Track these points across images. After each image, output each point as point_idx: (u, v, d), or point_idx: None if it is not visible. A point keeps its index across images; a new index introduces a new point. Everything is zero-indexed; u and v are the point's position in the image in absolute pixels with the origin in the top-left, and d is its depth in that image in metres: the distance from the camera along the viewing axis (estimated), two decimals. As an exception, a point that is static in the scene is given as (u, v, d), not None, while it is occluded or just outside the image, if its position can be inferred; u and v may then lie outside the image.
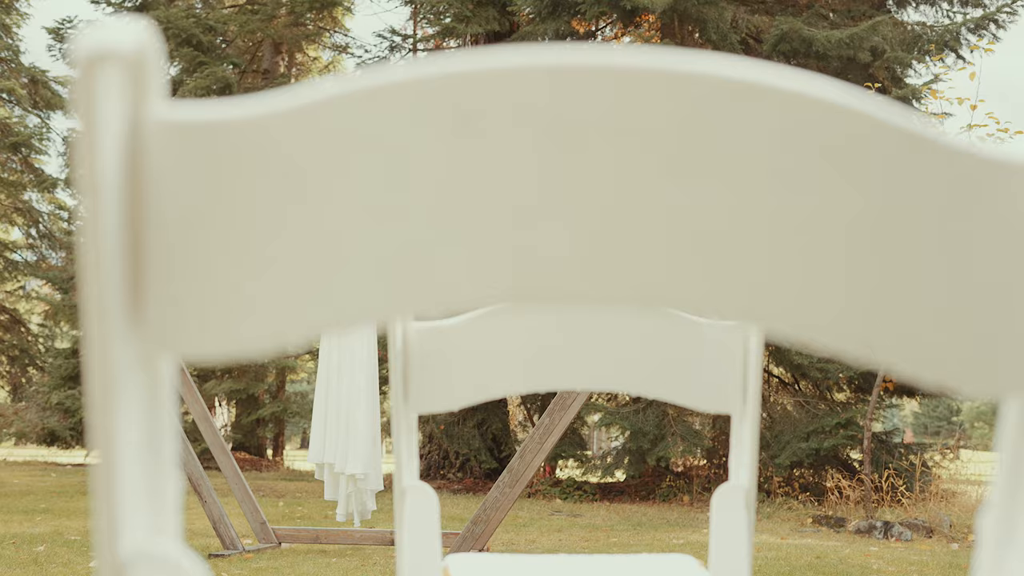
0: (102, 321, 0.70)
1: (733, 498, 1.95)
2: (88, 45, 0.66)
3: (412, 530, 1.97)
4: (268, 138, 0.70)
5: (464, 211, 0.70)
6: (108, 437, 0.72)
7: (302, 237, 0.71)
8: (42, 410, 20.75)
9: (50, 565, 7.21)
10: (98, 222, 0.68)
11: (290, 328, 0.73)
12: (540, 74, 0.69)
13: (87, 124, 0.67)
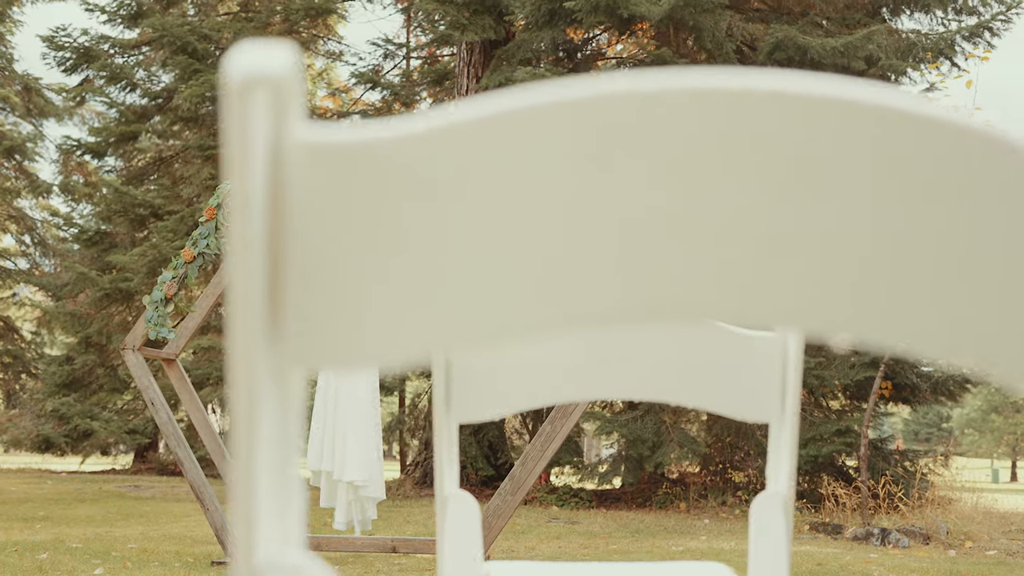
0: (246, 337, 0.72)
1: (772, 505, 1.97)
2: (241, 70, 0.68)
3: (454, 537, 1.98)
4: (404, 159, 0.72)
5: (594, 230, 0.72)
6: (249, 450, 0.74)
7: (434, 255, 0.73)
8: (36, 417, 20.71)
9: (55, 572, 7.21)
10: (246, 241, 0.70)
11: (418, 343, 0.74)
12: (678, 96, 0.71)
13: (240, 147, 0.69)
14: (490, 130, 0.71)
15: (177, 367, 9.05)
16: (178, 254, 8.55)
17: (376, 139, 0.72)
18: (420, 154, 0.72)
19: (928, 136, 0.76)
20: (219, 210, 8.50)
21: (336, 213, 0.73)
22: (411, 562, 8.63)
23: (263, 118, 0.70)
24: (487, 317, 0.74)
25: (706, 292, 0.74)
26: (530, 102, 0.71)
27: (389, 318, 0.74)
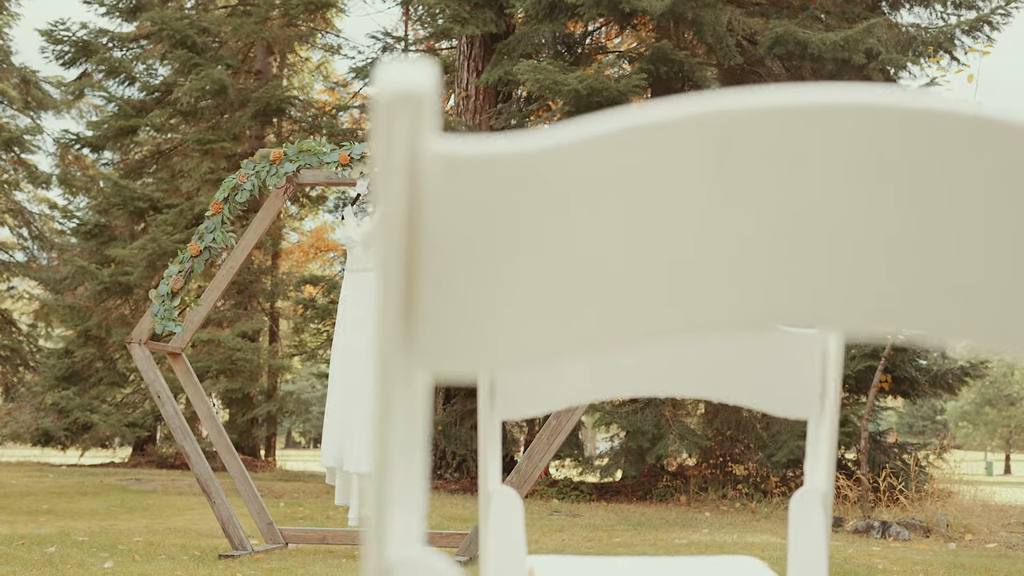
0: (384, 343, 0.75)
1: (810, 501, 1.99)
2: (389, 88, 0.71)
3: (498, 532, 2.01)
4: (536, 172, 0.75)
5: (720, 241, 0.75)
6: (383, 451, 0.77)
7: (564, 265, 0.76)
8: (36, 411, 20.72)
9: (65, 566, 7.23)
10: (391, 251, 0.72)
11: (546, 350, 0.77)
12: (790, 113, 0.74)
13: (387, 160, 0.72)
14: (620, 143, 0.74)
15: (183, 360, 9.08)
16: (184, 248, 8.57)
17: (508, 152, 0.75)
18: (551, 167, 0.74)
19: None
20: (225, 204, 8.51)
21: (469, 223, 0.75)
22: (417, 555, 8.65)
23: (407, 133, 0.72)
24: (613, 325, 0.76)
25: (825, 301, 0.76)
26: (659, 117, 0.74)
27: (519, 325, 0.76)
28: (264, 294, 22.74)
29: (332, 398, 8.71)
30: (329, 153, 8.42)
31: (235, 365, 19.70)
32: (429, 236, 0.75)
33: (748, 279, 0.75)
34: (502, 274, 0.76)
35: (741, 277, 0.75)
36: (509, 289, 0.76)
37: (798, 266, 0.76)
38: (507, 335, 0.77)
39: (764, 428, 15.13)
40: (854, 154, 0.75)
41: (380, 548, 0.78)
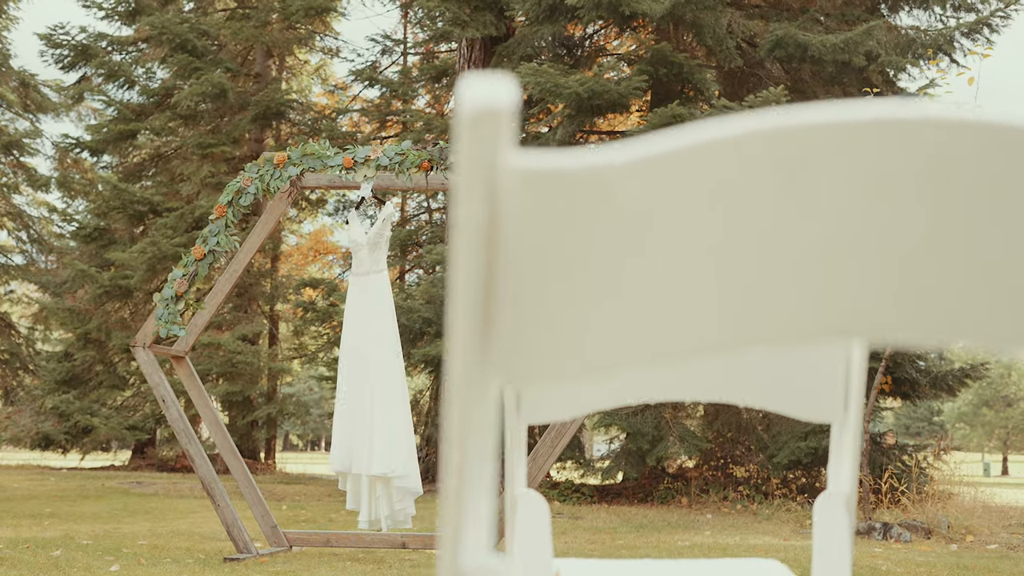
0: (463, 355, 0.76)
1: (835, 505, 2.01)
2: (473, 103, 0.72)
3: (524, 536, 2.03)
4: (610, 186, 0.76)
5: (789, 253, 0.76)
6: (461, 460, 0.78)
7: (636, 277, 0.77)
8: (36, 414, 20.72)
9: (71, 569, 7.24)
10: (470, 264, 0.74)
11: (620, 361, 0.79)
12: (864, 128, 0.75)
13: (470, 175, 0.73)
14: (690, 158, 0.75)
15: (186, 364, 9.08)
16: (187, 252, 8.58)
17: (585, 166, 0.76)
18: (625, 181, 0.76)
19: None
20: (229, 208, 8.52)
21: (544, 236, 0.77)
22: (422, 558, 8.67)
23: (487, 148, 0.74)
24: (681, 337, 0.78)
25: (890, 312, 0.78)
26: (727, 132, 0.75)
27: (592, 337, 0.78)
28: (264, 297, 22.75)
29: (340, 403, 8.70)
30: (333, 157, 8.42)
31: (235, 368, 19.71)
32: (505, 249, 0.77)
33: (815, 291, 0.76)
34: (576, 287, 0.77)
35: (810, 289, 0.77)
36: (583, 302, 0.78)
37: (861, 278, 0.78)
38: (581, 347, 0.79)
39: (765, 430, 15.15)
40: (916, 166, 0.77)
41: (455, 555, 0.79)
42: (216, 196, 19.89)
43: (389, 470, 8.39)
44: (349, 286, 8.99)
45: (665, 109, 14.50)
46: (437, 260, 15.73)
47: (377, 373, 8.58)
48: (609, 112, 16.51)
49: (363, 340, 8.64)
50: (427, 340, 15.88)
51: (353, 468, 8.49)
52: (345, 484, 8.71)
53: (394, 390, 8.63)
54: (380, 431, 8.48)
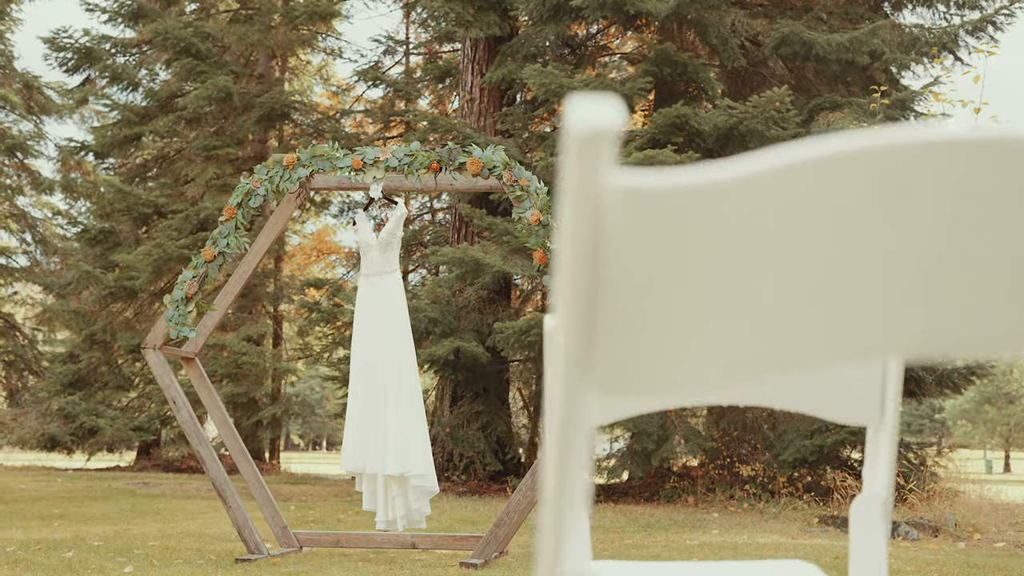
0: (568, 370, 0.78)
1: (871, 507, 2.02)
2: (582, 125, 0.74)
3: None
4: (711, 204, 0.78)
5: (891, 269, 0.78)
6: (561, 470, 0.80)
7: (737, 294, 0.79)
8: (42, 416, 20.74)
9: (84, 570, 7.26)
10: (576, 281, 0.76)
11: (719, 375, 0.81)
12: (961, 146, 0.77)
13: (575, 194, 0.75)
14: (792, 178, 0.77)
15: (196, 365, 9.11)
16: (197, 253, 8.60)
17: (685, 185, 0.78)
18: (726, 199, 0.78)
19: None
20: (239, 209, 8.54)
21: (646, 253, 0.79)
22: (432, 558, 8.69)
23: (594, 168, 0.76)
24: (778, 352, 0.80)
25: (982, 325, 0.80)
26: (827, 152, 0.77)
27: (691, 352, 0.80)
28: (268, 297, 22.79)
29: (353, 403, 8.71)
30: (342, 158, 8.45)
31: (240, 369, 19.73)
32: (608, 266, 0.79)
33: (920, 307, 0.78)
34: (676, 303, 0.79)
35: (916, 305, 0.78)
36: (682, 317, 0.80)
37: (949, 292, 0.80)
38: (680, 362, 0.80)
39: (770, 428, 15.17)
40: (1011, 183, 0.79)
41: (553, 563, 0.81)
42: (221, 198, 19.93)
43: (405, 470, 8.43)
44: (359, 287, 9.01)
45: (669, 109, 14.52)
46: (442, 261, 15.74)
47: (392, 373, 8.60)
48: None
49: (376, 340, 8.66)
50: (433, 340, 15.90)
51: (368, 468, 8.52)
52: (361, 485, 8.73)
53: (409, 390, 8.66)
54: (395, 431, 8.50)
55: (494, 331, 15.09)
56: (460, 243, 17.27)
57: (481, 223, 15.69)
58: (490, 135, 17.27)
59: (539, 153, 16.24)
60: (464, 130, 16.60)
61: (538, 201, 8.13)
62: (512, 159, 8.40)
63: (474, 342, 15.70)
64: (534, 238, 8.11)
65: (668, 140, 14.67)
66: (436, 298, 16.10)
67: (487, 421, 16.99)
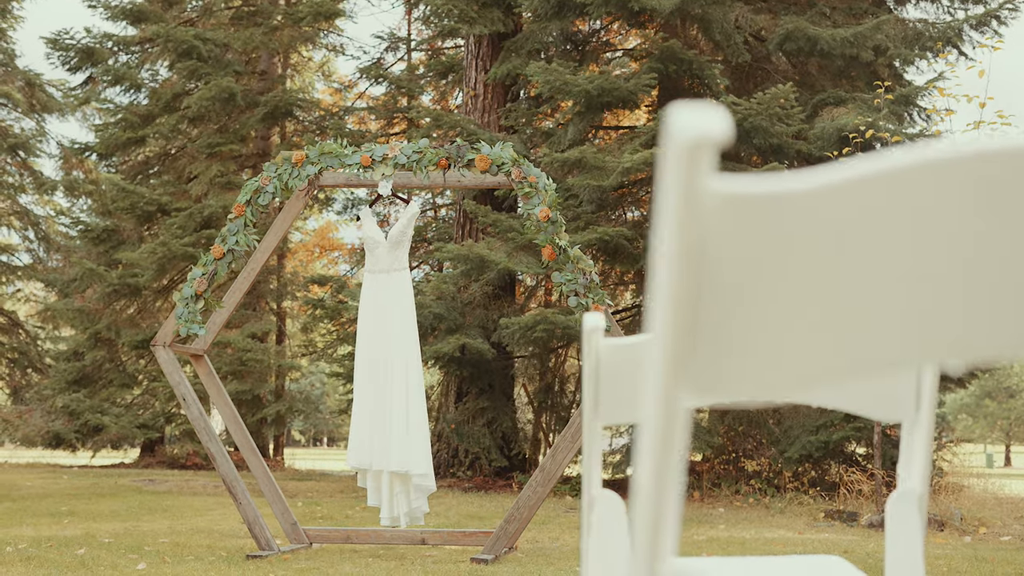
0: (665, 372, 0.80)
1: (907, 503, 2.04)
2: (686, 133, 0.76)
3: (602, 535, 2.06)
4: (809, 209, 0.80)
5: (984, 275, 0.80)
6: (661, 470, 0.82)
7: (832, 297, 0.81)
8: (47, 413, 20.76)
9: (98, 567, 7.28)
10: (671, 285, 0.77)
11: (813, 377, 0.82)
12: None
13: (676, 200, 0.77)
14: (888, 184, 0.79)
15: (205, 363, 9.13)
16: (208, 251, 8.61)
17: (784, 191, 0.80)
18: (823, 205, 0.80)
19: None
20: (248, 207, 8.56)
21: (743, 258, 0.81)
22: (442, 554, 8.71)
23: (696, 175, 0.78)
24: (873, 354, 0.82)
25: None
26: (921, 159, 0.79)
27: (791, 354, 0.81)
28: (271, 294, 22.80)
29: (359, 400, 8.74)
30: (351, 155, 8.46)
31: (245, 366, 19.75)
32: (707, 271, 0.81)
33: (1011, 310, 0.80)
34: (773, 307, 0.81)
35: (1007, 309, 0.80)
36: (778, 321, 0.81)
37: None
38: (775, 365, 0.82)
39: (776, 424, 15.18)
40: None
41: (655, 560, 0.83)
42: (225, 196, 19.94)
43: (410, 467, 8.48)
44: (364, 283, 9.03)
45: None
46: (447, 257, 15.76)
47: (399, 371, 8.64)
48: (618, 108, 16.55)
49: (383, 338, 8.69)
50: (439, 336, 15.92)
51: (374, 464, 8.56)
52: (364, 481, 8.78)
53: (414, 389, 8.70)
54: (401, 429, 8.54)
55: (499, 327, 15.11)
56: (465, 240, 17.29)
57: (486, 219, 15.70)
58: (494, 131, 17.28)
59: (543, 149, 16.25)
60: (468, 126, 16.61)
61: (547, 197, 8.15)
62: (520, 156, 8.43)
63: (479, 338, 15.72)
64: (543, 234, 8.13)
65: (673, 136, 14.64)
66: (441, 294, 16.11)
67: (492, 417, 17.01)
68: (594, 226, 14.78)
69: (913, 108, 15.88)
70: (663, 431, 0.81)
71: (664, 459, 0.81)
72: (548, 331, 14.64)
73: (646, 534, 0.83)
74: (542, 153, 15.56)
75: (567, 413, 18.04)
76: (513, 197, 17.05)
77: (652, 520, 0.82)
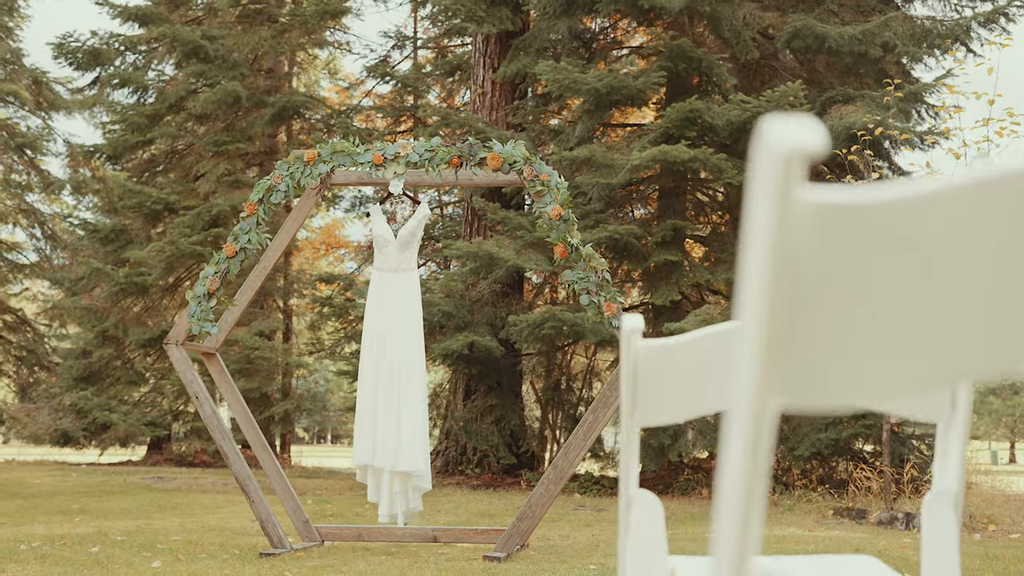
0: (755, 379, 0.81)
1: (943, 502, 2.06)
2: (782, 145, 0.77)
3: (640, 534, 2.07)
4: (893, 220, 0.81)
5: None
6: (750, 472, 0.83)
7: (916, 306, 0.82)
8: (54, 411, 20.80)
9: (112, 565, 7.31)
10: (761, 292, 0.79)
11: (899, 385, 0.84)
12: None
13: (768, 210, 0.78)
14: (976, 195, 0.80)
15: (217, 361, 9.15)
16: (220, 250, 8.63)
17: (870, 202, 0.81)
18: (908, 216, 0.81)
19: None
20: (260, 205, 8.57)
21: (831, 267, 0.82)
22: (454, 551, 8.73)
23: (788, 185, 0.79)
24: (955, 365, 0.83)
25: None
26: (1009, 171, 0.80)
27: (875, 363, 0.83)
28: (278, 292, 22.83)
29: (363, 397, 8.79)
30: (363, 154, 8.48)
31: (252, 364, 19.77)
32: (797, 280, 0.82)
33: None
34: (858, 313, 0.82)
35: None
36: (863, 328, 0.83)
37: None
38: (862, 373, 0.83)
39: (785, 422, 15.19)
40: None
41: (743, 562, 0.84)
42: (232, 194, 19.97)
43: (414, 468, 8.57)
44: (371, 280, 9.07)
45: (683, 104, 14.54)
46: (456, 255, 15.77)
47: (405, 371, 8.70)
48: (626, 106, 16.57)
49: (389, 337, 8.73)
50: (447, 333, 15.94)
51: (376, 462, 8.63)
52: (364, 477, 8.84)
53: (419, 389, 8.77)
54: (407, 429, 8.62)
55: (507, 325, 15.12)
56: (473, 237, 17.31)
57: (495, 217, 15.72)
58: (502, 129, 17.29)
59: (551, 147, 16.27)
60: (476, 124, 16.62)
61: (559, 196, 8.17)
62: (532, 154, 8.44)
63: (488, 336, 15.73)
64: (555, 232, 8.15)
65: (682, 135, 14.69)
66: (450, 292, 16.13)
67: (501, 415, 17.04)
68: (604, 224, 14.80)
69: (921, 105, 15.88)
70: (753, 434, 0.82)
71: (754, 462, 0.83)
72: (556, 328, 14.66)
73: (734, 535, 0.84)
74: (550, 151, 15.57)
75: (574, 411, 18.06)
76: (521, 195, 17.07)
77: (741, 521, 0.83)
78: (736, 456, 0.83)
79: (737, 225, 16.12)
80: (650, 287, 15.49)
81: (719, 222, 17.13)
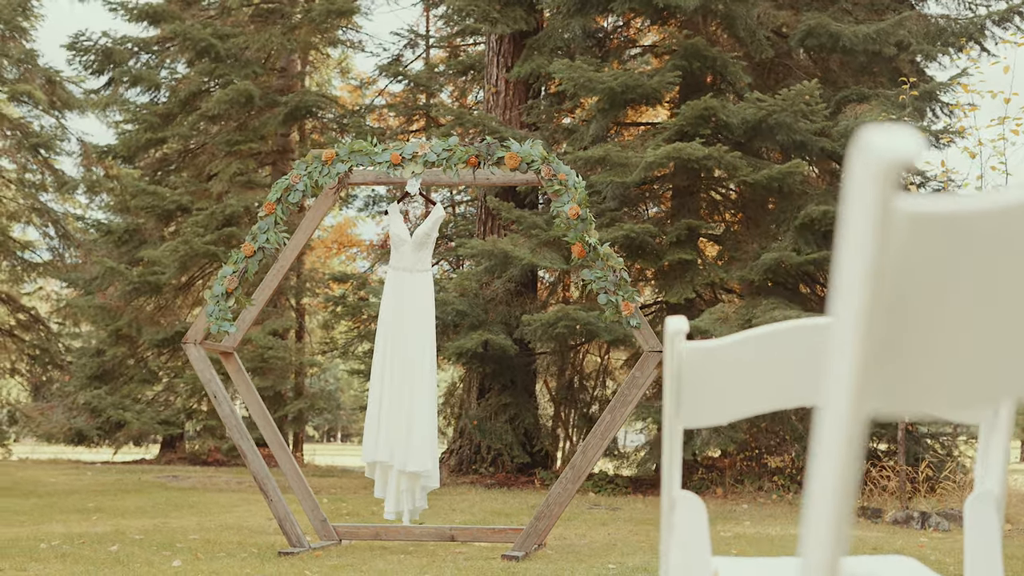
0: (850, 384, 0.82)
1: (985, 504, 2.06)
2: (884, 154, 0.78)
3: (683, 537, 2.08)
4: (993, 228, 0.82)
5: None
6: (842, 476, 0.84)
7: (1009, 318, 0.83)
8: (68, 410, 20.85)
9: (133, 564, 7.33)
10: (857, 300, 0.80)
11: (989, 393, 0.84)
12: None
13: (865, 219, 0.79)
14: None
15: (235, 360, 9.18)
16: (238, 250, 8.65)
17: (968, 210, 0.82)
18: (1007, 224, 0.82)
19: None
20: (278, 205, 8.59)
21: (926, 275, 0.83)
22: (472, 550, 8.74)
23: (884, 194, 0.80)
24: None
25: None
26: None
27: (970, 368, 0.84)
28: (291, 291, 22.86)
29: (374, 397, 8.81)
30: (380, 153, 8.50)
31: (266, 363, 19.80)
32: (894, 288, 0.83)
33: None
34: (957, 320, 0.83)
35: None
36: (962, 335, 0.83)
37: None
38: (955, 381, 0.84)
39: (799, 420, 15.17)
40: None
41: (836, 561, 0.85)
42: (245, 194, 20.00)
43: (423, 468, 8.59)
44: (387, 278, 9.09)
45: (697, 102, 14.53)
46: (471, 253, 15.78)
47: (417, 371, 8.72)
48: (641, 105, 16.56)
49: (401, 337, 8.76)
50: (461, 332, 15.95)
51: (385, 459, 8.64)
52: (373, 472, 8.86)
53: (430, 389, 8.81)
54: (418, 429, 8.64)
55: (521, 323, 15.13)
56: (487, 236, 17.31)
57: (509, 215, 15.72)
58: (516, 128, 17.30)
59: (564, 146, 16.27)
60: (491, 124, 16.63)
61: (576, 195, 8.17)
62: (550, 153, 8.45)
63: (502, 334, 15.74)
64: (572, 232, 8.16)
65: (696, 133, 14.69)
66: (464, 291, 16.15)
67: (515, 413, 17.04)
68: (619, 223, 14.80)
69: (936, 104, 15.86)
70: (847, 438, 0.83)
71: (846, 465, 0.84)
72: (569, 327, 14.67)
73: (826, 536, 0.85)
74: (563, 150, 15.57)
75: (587, 409, 18.06)
76: (536, 193, 17.08)
77: (834, 523, 0.84)
78: (829, 458, 0.84)
79: (751, 224, 16.11)
80: (664, 286, 15.49)
81: (733, 220, 17.12)
